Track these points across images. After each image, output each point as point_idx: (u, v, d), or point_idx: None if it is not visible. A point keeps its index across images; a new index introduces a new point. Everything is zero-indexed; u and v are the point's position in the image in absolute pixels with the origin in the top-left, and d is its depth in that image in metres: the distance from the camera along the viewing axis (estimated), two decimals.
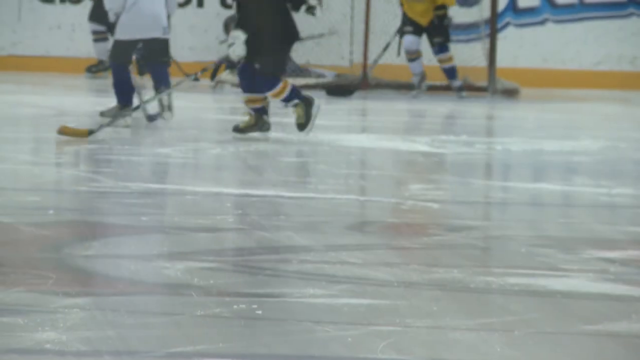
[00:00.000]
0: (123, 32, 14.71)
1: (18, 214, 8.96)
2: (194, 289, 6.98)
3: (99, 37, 16.98)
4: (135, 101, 14.31)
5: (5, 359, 5.69)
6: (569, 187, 10.78)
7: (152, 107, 14.49)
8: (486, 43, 17.35)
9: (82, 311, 6.35)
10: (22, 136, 13.67)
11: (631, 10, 18.34)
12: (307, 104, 13.05)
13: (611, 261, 7.81)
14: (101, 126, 12.91)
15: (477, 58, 17.41)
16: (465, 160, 11.58)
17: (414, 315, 6.57)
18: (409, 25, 16.22)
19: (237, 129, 13.05)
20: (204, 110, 15.41)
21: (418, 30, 16.14)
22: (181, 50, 18.01)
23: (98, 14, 16.56)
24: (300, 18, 17.91)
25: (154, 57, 15.19)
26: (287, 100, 13.34)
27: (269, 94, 13.31)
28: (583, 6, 18.39)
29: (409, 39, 16.26)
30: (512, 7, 18.26)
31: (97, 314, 6.35)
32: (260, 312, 6.60)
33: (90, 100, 15.86)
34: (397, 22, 17.62)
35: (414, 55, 15.85)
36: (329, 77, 17.52)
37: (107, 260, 7.78)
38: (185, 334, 6.15)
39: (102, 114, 14.38)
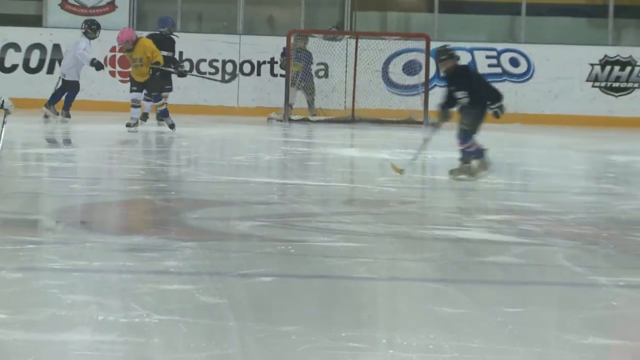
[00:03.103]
0: None
1: (154, 194, 8.98)
2: (255, 238, 7.01)
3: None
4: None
5: (148, 277, 5.73)
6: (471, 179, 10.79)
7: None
8: (422, 96, 17.31)
9: (191, 250, 6.38)
10: (154, 149, 13.69)
11: (504, 77, 18.27)
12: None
13: (493, 221, 7.82)
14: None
15: (417, 105, 17.34)
16: (410, 163, 11.57)
17: (380, 252, 6.60)
18: (134, 85, 14.78)
19: None
20: (259, 135, 15.39)
21: (141, 87, 14.67)
22: (248, 101, 17.94)
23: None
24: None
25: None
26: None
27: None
28: (484, 75, 18.34)
29: (136, 94, 14.71)
30: (438, 75, 18.20)
31: (199, 252, 6.39)
32: (292, 250, 6.63)
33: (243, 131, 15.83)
34: (373, 85, 17.57)
35: (137, 104, 14.65)
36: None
37: (205, 221, 7.81)
38: (251, 262, 6.19)
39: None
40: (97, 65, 15.49)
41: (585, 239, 7.28)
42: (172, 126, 14.58)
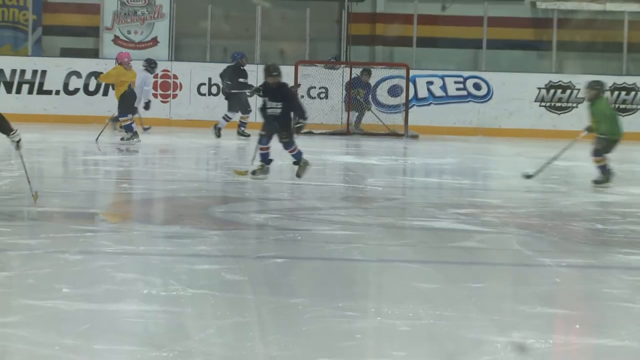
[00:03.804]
0: None
1: (188, 192, 8.97)
2: (269, 227, 7.00)
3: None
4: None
5: (183, 259, 5.71)
6: (440, 180, 10.74)
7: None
8: (403, 114, 17.29)
9: (217, 237, 6.37)
10: (188, 156, 13.66)
11: (469, 98, 18.26)
12: None
13: (460, 214, 7.81)
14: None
15: (399, 120, 17.33)
16: (394, 167, 11.56)
17: (370, 239, 6.58)
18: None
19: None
20: (272, 144, 15.36)
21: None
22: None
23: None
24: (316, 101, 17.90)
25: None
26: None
27: None
28: (448, 97, 18.29)
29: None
30: (415, 97, 18.19)
31: (224, 238, 6.37)
32: (299, 237, 6.62)
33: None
34: (363, 104, 17.54)
35: (130, 121, 13.87)
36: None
37: (229, 213, 7.79)
38: (266, 247, 6.18)
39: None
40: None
41: (534, 228, 7.27)
42: (126, 139, 13.72)
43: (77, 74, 17.81)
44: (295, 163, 9.69)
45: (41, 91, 17.74)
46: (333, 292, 4.97)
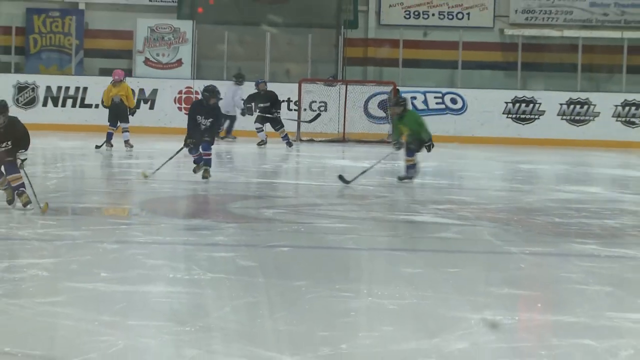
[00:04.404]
0: None
1: (208, 191, 8.95)
2: (276, 221, 7.00)
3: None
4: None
5: (203, 247, 5.72)
6: (422, 180, 10.71)
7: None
8: (391, 124, 17.27)
9: (234, 229, 6.36)
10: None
11: (447, 111, 18.22)
12: None
13: (439, 209, 7.80)
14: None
15: (388, 130, 17.28)
16: (384, 169, 11.54)
17: (364, 231, 6.58)
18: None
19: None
20: (279, 150, 15.30)
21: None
22: (271, 127, 17.83)
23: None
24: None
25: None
26: None
27: None
28: (429, 110, 18.23)
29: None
30: None
31: (239, 230, 6.37)
32: (302, 229, 6.61)
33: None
34: (357, 116, 17.48)
35: (110, 130, 13.01)
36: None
37: (243, 209, 7.77)
38: (274, 237, 6.16)
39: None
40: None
41: (502, 222, 7.26)
42: (104, 145, 13.11)
43: None
44: (205, 164, 9.56)
45: (83, 105, 17.81)
46: (331, 276, 4.96)
